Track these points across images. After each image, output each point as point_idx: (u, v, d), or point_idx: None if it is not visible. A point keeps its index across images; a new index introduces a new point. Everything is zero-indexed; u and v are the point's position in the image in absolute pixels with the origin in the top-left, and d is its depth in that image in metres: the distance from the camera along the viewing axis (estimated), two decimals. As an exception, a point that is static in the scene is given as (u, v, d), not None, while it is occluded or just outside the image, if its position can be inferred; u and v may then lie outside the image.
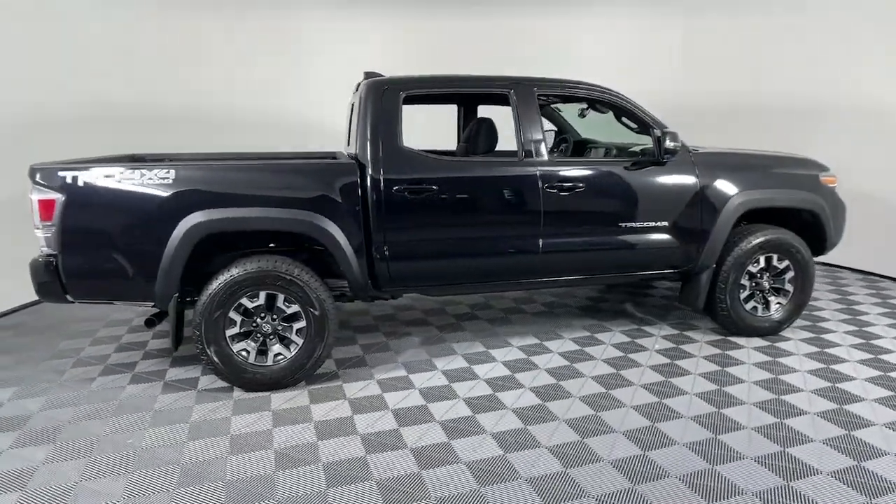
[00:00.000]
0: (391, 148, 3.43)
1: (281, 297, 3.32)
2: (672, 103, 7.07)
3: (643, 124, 3.87)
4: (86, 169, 3.09)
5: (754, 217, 4.19)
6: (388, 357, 3.90)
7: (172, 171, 3.15)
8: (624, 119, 3.98)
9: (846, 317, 4.54)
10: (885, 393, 3.26)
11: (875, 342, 4.01)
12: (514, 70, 3.96)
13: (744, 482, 2.48)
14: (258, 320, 3.33)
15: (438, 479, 2.53)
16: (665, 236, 3.84)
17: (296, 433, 2.93)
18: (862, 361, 3.70)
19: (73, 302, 3.24)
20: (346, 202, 3.34)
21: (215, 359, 3.25)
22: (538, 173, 3.59)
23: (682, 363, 3.73)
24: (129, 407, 3.21)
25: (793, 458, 2.65)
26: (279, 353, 3.39)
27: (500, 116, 4.00)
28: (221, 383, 3.42)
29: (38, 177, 3.07)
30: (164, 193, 3.13)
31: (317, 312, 3.36)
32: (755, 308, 4.10)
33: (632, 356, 3.85)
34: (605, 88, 3.85)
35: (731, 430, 2.91)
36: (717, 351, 3.91)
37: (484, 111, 4.91)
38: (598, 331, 4.32)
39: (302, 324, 3.38)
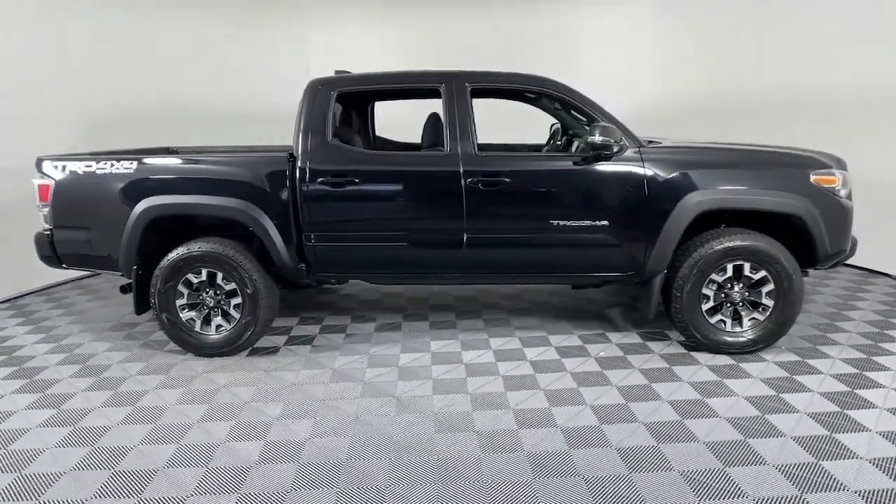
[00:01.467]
0: (319, 142, 3.67)
1: (220, 276, 3.74)
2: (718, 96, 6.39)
3: (588, 117, 3.64)
4: (72, 160, 3.77)
5: (737, 221, 3.73)
6: (335, 339, 4.15)
7: (134, 163, 3.72)
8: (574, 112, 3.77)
9: (866, 342, 3.81)
10: (818, 432, 2.77)
11: (871, 374, 3.35)
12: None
13: (553, 501, 2.34)
14: (203, 294, 3.79)
15: (274, 449, 2.75)
16: (605, 237, 3.59)
17: (194, 395, 3.31)
18: (828, 394, 3.14)
19: (68, 268, 3.98)
20: (274, 191, 3.65)
21: (166, 324, 3.78)
22: (461, 168, 3.57)
23: (611, 372, 3.48)
24: (99, 357, 3.87)
25: (631, 484, 2.43)
26: (220, 325, 3.83)
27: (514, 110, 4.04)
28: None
29: (40, 166, 3.82)
30: (126, 182, 3.70)
31: (249, 291, 3.73)
32: (722, 322, 3.65)
33: (565, 360, 3.67)
34: (545, 81, 3.69)
35: (593, 445, 2.71)
36: (664, 365, 3.56)
37: (481, 104, 4.96)
38: (555, 332, 4.15)
39: (239, 300, 3.77)
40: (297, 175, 3.64)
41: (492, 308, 4.74)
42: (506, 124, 5.07)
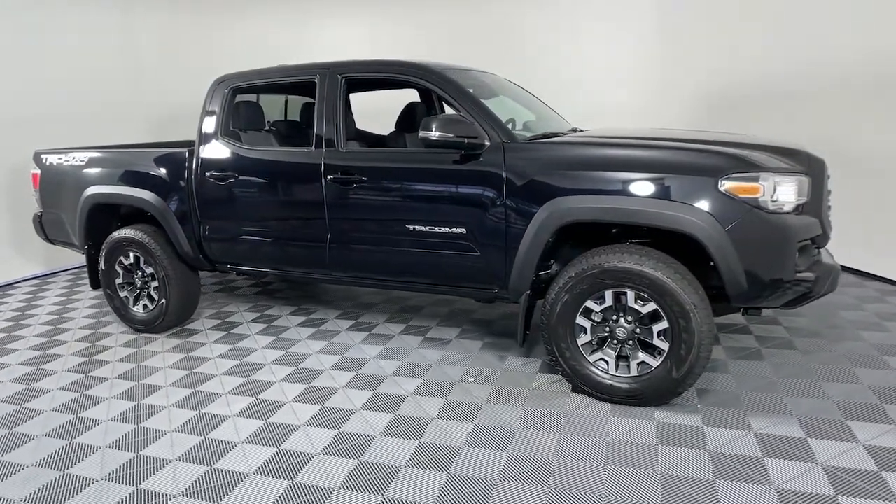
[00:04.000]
0: (211, 136, 3.77)
1: (141, 260, 4.09)
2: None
3: (454, 109, 3.14)
4: (51, 153, 4.43)
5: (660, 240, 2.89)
6: (253, 327, 4.25)
7: (87, 156, 4.23)
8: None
9: (829, 416, 2.68)
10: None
11: (773, 461, 2.35)
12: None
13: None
14: (134, 276, 4.19)
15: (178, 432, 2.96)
16: (463, 245, 3.08)
17: (89, 364, 3.69)
18: (670, 478, 2.30)
19: (54, 244, 4.70)
20: (173, 183, 3.86)
21: (107, 300, 4.27)
22: (322, 164, 3.37)
23: (454, 403, 3.00)
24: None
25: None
26: (146, 305, 4.19)
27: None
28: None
29: (34, 158, 4.55)
30: (79, 172, 4.23)
31: (161, 276, 4.02)
32: (603, 362, 2.88)
33: (426, 383, 3.26)
34: (412, 68, 3.28)
35: (311, 484, 2.39)
36: (512, 406, 2.95)
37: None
38: (460, 348, 3.69)
39: (157, 283, 4.09)
40: (193, 168, 3.80)
41: (432, 318, 4.40)
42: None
